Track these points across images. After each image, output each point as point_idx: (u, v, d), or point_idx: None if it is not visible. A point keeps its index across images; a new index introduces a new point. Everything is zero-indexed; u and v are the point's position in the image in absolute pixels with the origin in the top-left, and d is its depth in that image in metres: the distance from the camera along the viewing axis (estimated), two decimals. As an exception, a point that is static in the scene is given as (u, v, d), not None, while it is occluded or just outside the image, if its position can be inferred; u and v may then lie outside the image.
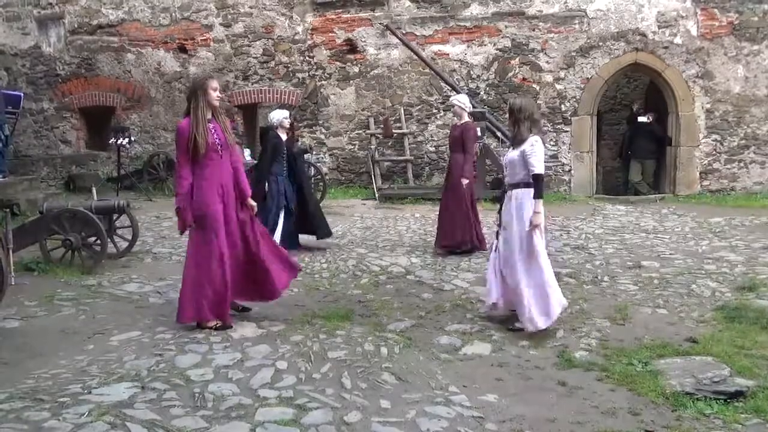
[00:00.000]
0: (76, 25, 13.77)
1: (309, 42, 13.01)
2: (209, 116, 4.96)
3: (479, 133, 10.15)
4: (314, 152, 12.64)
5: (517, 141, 5.16)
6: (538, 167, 4.97)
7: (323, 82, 13.06)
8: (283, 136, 8.03)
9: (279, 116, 8.05)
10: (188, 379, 4.00)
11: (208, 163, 4.93)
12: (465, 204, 7.76)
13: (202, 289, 4.93)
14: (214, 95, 4.98)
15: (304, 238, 8.12)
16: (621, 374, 4.15)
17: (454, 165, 7.93)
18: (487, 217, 8.84)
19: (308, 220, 7.98)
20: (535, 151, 4.98)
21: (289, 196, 7.82)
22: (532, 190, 4.99)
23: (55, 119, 14.09)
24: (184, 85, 13.24)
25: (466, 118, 7.94)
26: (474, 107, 10.70)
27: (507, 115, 5.34)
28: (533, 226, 4.94)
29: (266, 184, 7.71)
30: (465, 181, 7.73)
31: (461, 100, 8.00)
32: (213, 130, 4.95)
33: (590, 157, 12.41)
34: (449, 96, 11.30)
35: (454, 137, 7.97)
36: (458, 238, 7.66)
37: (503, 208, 5.24)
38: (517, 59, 12.36)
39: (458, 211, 7.71)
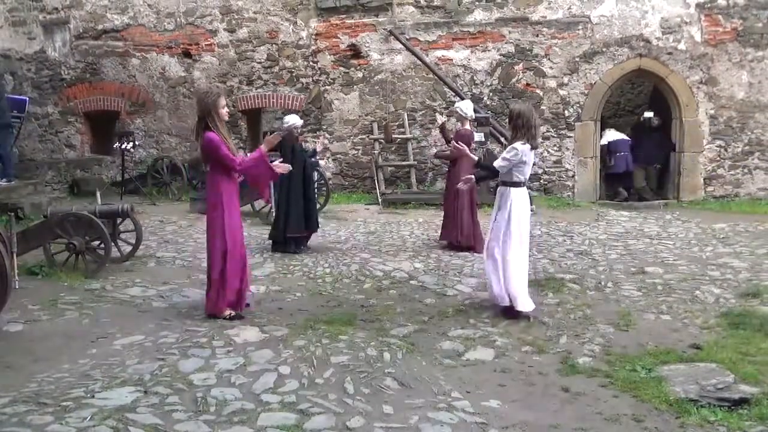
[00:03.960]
0: (81, 30, 13.80)
1: (313, 47, 13.03)
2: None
3: (482, 139, 10.22)
4: (318, 156, 12.63)
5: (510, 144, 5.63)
6: (497, 163, 5.46)
7: (327, 87, 13.07)
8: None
9: (296, 122, 8.11)
10: (191, 383, 4.00)
11: (231, 178, 5.34)
12: (464, 206, 7.93)
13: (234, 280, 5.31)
14: (223, 112, 5.28)
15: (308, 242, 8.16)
16: (625, 380, 4.14)
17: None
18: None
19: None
20: (507, 151, 5.45)
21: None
22: (516, 189, 5.43)
23: (60, 123, 14.12)
24: (189, 90, 13.29)
25: (465, 125, 8.08)
26: (478, 113, 10.73)
27: (507, 120, 5.66)
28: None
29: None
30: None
31: (461, 107, 8.20)
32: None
33: (594, 162, 12.39)
34: (453, 101, 11.33)
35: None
36: (453, 236, 8.07)
37: (495, 199, 5.76)
38: (521, 65, 12.35)
39: (455, 212, 8.02)
